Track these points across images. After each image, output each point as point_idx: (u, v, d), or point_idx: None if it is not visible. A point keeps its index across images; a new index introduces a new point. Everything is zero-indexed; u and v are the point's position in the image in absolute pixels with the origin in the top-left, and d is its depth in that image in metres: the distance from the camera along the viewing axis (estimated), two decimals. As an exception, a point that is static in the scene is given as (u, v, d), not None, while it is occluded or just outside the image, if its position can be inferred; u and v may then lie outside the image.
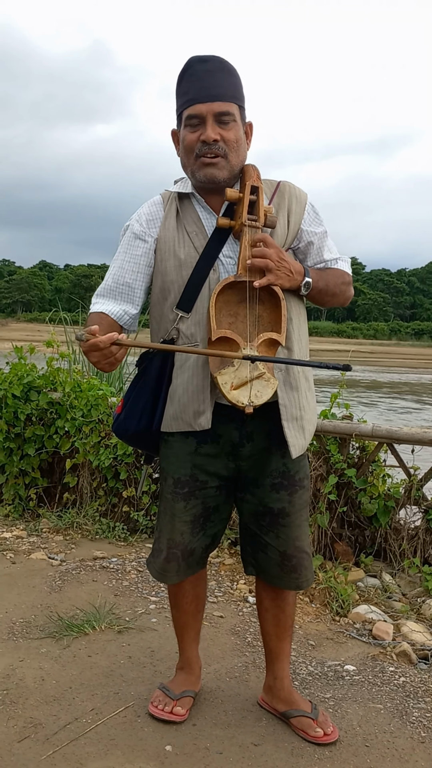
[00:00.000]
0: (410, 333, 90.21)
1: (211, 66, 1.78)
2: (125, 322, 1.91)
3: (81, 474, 4.01)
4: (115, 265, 1.94)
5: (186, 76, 1.80)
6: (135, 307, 1.92)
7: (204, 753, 1.90)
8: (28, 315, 74.30)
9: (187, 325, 1.83)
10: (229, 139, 1.78)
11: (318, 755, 1.90)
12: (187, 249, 1.84)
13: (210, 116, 1.76)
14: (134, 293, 1.91)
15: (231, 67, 1.82)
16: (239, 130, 1.81)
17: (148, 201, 1.96)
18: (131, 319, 1.92)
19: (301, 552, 1.94)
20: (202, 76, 1.77)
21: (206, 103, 1.76)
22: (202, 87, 1.76)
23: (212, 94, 1.76)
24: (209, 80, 1.77)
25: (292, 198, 1.90)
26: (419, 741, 2.00)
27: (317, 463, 3.36)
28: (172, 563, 1.96)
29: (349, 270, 2.00)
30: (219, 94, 1.76)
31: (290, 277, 1.78)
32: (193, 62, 1.79)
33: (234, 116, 1.79)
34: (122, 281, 1.91)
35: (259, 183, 1.79)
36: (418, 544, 3.24)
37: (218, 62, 1.79)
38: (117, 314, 1.89)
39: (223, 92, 1.77)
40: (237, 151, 1.81)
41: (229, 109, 1.77)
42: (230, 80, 1.80)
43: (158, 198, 1.95)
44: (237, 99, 1.81)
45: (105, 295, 1.93)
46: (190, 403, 1.83)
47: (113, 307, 1.90)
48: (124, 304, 1.91)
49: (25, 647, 2.47)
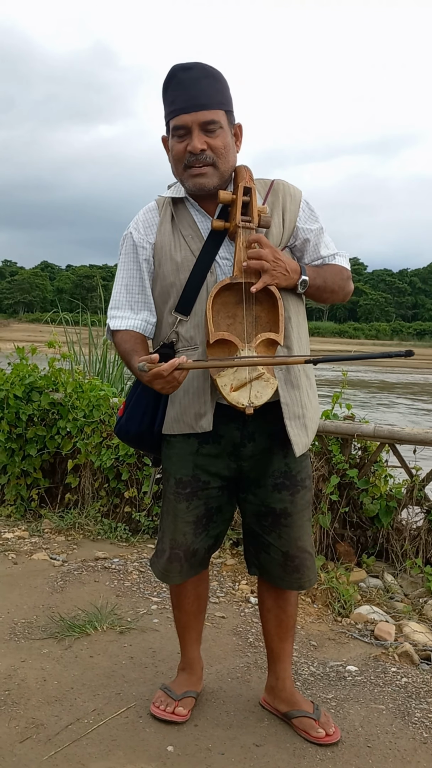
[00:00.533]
0: (412, 333, 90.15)
1: (195, 74, 1.77)
2: (149, 331, 1.92)
3: (83, 474, 4.01)
4: (122, 275, 1.94)
5: (171, 85, 1.80)
6: (153, 315, 1.93)
7: (206, 754, 1.90)
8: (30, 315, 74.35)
9: (186, 328, 1.83)
10: (216, 147, 1.78)
11: (320, 756, 1.90)
12: (183, 252, 1.84)
13: (196, 126, 1.76)
14: (148, 299, 1.93)
15: (215, 72, 1.81)
16: (226, 136, 1.81)
17: (144, 208, 1.96)
18: (153, 327, 1.93)
19: (304, 552, 1.94)
20: (186, 86, 1.77)
21: (191, 113, 1.76)
22: (187, 97, 1.76)
23: (197, 103, 1.76)
24: (193, 89, 1.76)
25: (287, 196, 1.90)
26: (421, 741, 2.00)
27: (319, 463, 3.36)
28: (174, 564, 1.96)
29: (347, 265, 1.99)
30: (204, 103, 1.76)
31: (286, 276, 1.77)
32: (177, 71, 1.79)
33: (219, 123, 1.78)
34: (136, 290, 1.93)
35: (251, 184, 1.79)
36: (420, 544, 3.23)
37: (201, 69, 1.79)
38: (141, 327, 1.91)
39: (208, 101, 1.77)
40: (225, 157, 1.81)
41: (214, 117, 1.77)
42: (215, 86, 1.79)
43: (153, 204, 1.96)
44: (223, 104, 1.80)
45: (121, 308, 1.93)
46: (191, 405, 1.83)
47: (134, 320, 1.91)
48: (142, 313, 1.92)
49: (27, 648, 2.47)
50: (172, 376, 1.60)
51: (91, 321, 6.28)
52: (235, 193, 1.78)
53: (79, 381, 4.17)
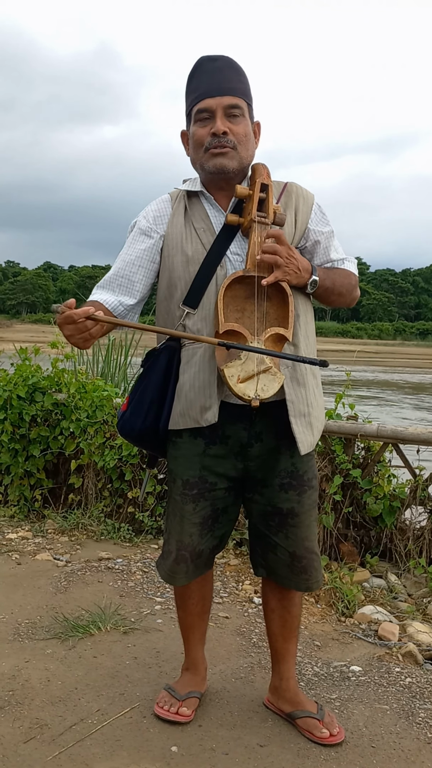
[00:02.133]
0: (415, 333, 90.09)
1: (221, 64, 1.84)
2: (120, 312, 1.92)
3: (86, 475, 4.01)
4: (118, 259, 1.97)
5: (196, 74, 1.86)
6: (132, 299, 1.93)
7: (210, 754, 1.90)
8: (33, 316, 74.45)
9: (193, 321, 1.83)
10: (238, 132, 1.82)
11: (324, 756, 1.90)
12: (194, 245, 1.85)
13: (220, 109, 1.81)
14: (133, 286, 1.93)
15: (239, 66, 1.87)
16: (248, 125, 1.86)
17: (157, 198, 1.98)
18: (126, 309, 1.93)
19: (311, 553, 1.94)
20: (212, 73, 1.83)
21: (216, 97, 1.81)
22: (211, 82, 1.82)
23: (222, 88, 1.81)
24: (218, 76, 1.82)
25: (300, 198, 1.91)
26: (426, 742, 1.99)
27: (322, 463, 3.36)
28: (181, 565, 1.96)
29: (355, 271, 2.00)
30: (228, 88, 1.82)
31: (298, 275, 1.78)
32: (203, 61, 1.86)
33: (243, 110, 1.84)
34: (122, 273, 1.93)
35: (269, 181, 1.82)
36: (423, 544, 3.23)
37: (227, 61, 1.86)
38: (112, 304, 1.90)
39: (233, 87, 1.82)
40: (246, 145, 1.85)
41: (238, 102, 1.82)
42: (239, 78, 1.86)
43: (167, 196, 1.98)
44: (245, 96, 1.86)
45: (103, 287, 1.95)
46: (197, 399, 1.83)
47: (109, 297, 1.92)
48: (121, 296, 1.93)
49: (31, 648, 2.47)
50: (83, 325, 1.59)
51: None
52: (252, 189, 1.80)
53: (82, 381, 4.17)
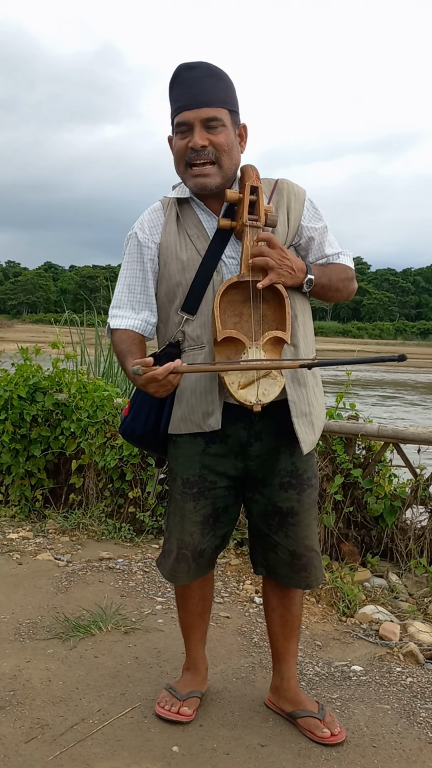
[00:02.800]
0: (416, 332, 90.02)
1: (199, 73, 1.79)
2: (149, 332, 1.93)
3: (87, 475, 4.01)
4: (125, 275, 1.95)
5: (175, 84, 1.82)
6: (154, 315, 1.93)
7: (211, 754, 1.90)
8: (34, 316, 74.46)
9: (192, 327, 1.83)
10: (218, 143, 1.79)
11: (325, 756, 1.90)
12: (189, 252, 1.85)
13: (197, 123, 1.78)
14: (150, 300, 1.93)
15: (220, 72, 1.82)
16: (229, 134, 1.81)
17: (149, 208, 1.97)
18: (153, 327, 1.94)
19: (311, 551, 1.94)
20: (189, 84, 1.78)
21: (193, 109, 1.77)
22: (189, 94, 1.78)
23: (199, 100, 1.77)
24: (196, 87, 1.78)
25: (291, 195, 1.90)
26: (427, 741, 1.99)
27: (323, 463, 3.36)
28: (182, 564, 1.96)
29: (351, 264, 2.00)
30: (206, 100, 1.77)
31: (292, 275, 1.78)
32: (181, 70, 1.81)
33: (222, 121, 1.79)
34: (138, 290, 1.93)
35: (258, 183, 1.80)
36: (424, 544, 3.23)
37: (205, 68, 1.80)
38: (140, 327, 1.91)
39: (211, 98, 1.78)
40: (229, 154, 1.81)
41: (216, 114, 1.78)
42: (219, 85, 1.81)
43: (158, 204, 1.96)
44: (227, 104, 1.81)
45: (122, 307, 1.94)
46: (199, 404, 1.83)
47: (134, 320, 1.91)
48: (143, 313, 1.92)
49: (32, 648, 2.47)
50: (166, 380, 1.60)
51: (95, 321, 6.28)
52: (242, 192, 1.79)
53: (83, 381, 4.17)
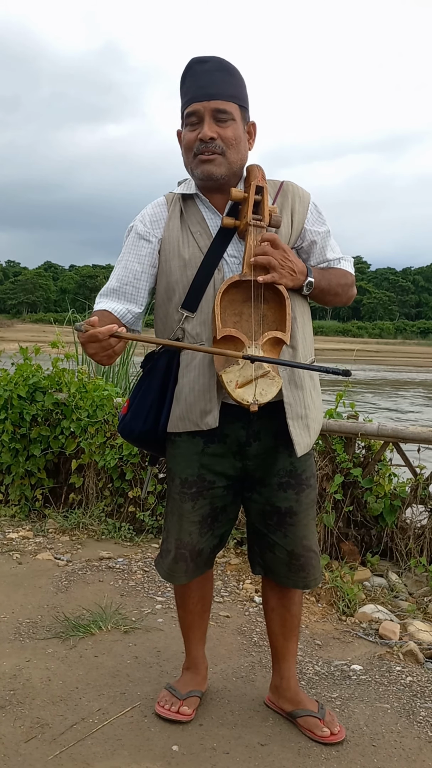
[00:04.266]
0: (416, 332, 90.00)
1: (210, 66, 1.81)
2: (128, 320, 1.91)
3: (87, 474, 4.01)
4: (119, 266, 1.95)
5: (187, 77, 1.84)
6: (139, 307, 1.93)
7: (211, 753, 1.90)
8: (34, 316, 74.42)
9: (192, 324, 1.83)
10: (226, 137, 1.80)
11: (325, 755, 1.90)
12: (191, 249, 1.85)
13: (207, 114, 1.79)
14: (138, 293, 1.92)
15: (231, 67, 1.84)
16: (238, 128, 1.82)
17: (152, 202, 1.97)
18: (134, 318, 1.93)
19: (309, 551, 1.94)
20: (201, 76, 1.80)
21: (203, 101, 1.79)
22: (200, 86, 1.80)
23: (210, 92, 1.79)
24: (207, 79, 1.80)
25: (296, 197, 1.91)
26: (426, 740, 1.99)
27: (323, 462, 3.36)
28: (180, 564, 1.96)
29: (352, 270, 2.00)
30: (216, 92, 1.79)
31: (293, 277, 1.78)
32: (193, 63, 1.83)
33: (232, 115, 1.80)
34: (126, 281, 1.92)
35: (264, 183, 1.80)
36: (424, 543, 3.23)
37: (217, 62, 1.82)
38: (120, 312, 1.90)
39: (221, 91, 1.79)
40: (236, 148, 1.82)
41: (226, 107, 1.79)
42: (229, 80, 1.82)
43: (162, 199, 1.96)
44: (236, 98, 1.82)
45: (109, 295, 1.93)
46: (197, 403, 1.83)
47: (117, 305, 1.91)
48: (128, 304, 1.92)
49: (32, 647, 2.47)
50: (107, 342, 1.58)
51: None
52: (247, 192, 1.79)
53: (82, 381, 4.17)
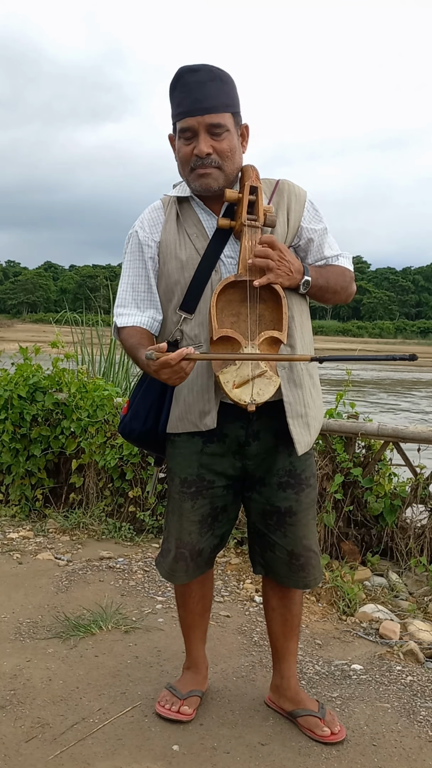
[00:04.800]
0: (416, 331, 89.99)
1: (202, 76, 1.78)
2: (155, 329, 1.93)
3: (87, 474, 4.02)
4: (128, 273, 1.95)
5: (178, 86, 1.80)
6: (159, 313, 1.93)
7: (211, 752, 1.90)
8: (34, 316, 74.43)
9: (190, 326, 1.83)
10: (222, 150, 1.79)
11: (325, 754, 1.90)
12: (188, 251, 1.85)
13: (202, 129, 1.77)
14: (154, 297, 1.93)
15: (222, 74, 1.81)
16: (233, 138, 1.81)
17: (149, 206, 1.97)
18: (158, 324, 1.93)
19: (309, 551, 1.94)
20: (193, 88, 1.77)
21: (197, 116, 1.77)
22: (193, 100, 1.77)
23: (203, 107, 1.76)
24: (200, 92, 1.76)
25: (292, 196, 1.90)
26: (427, 740, 1.99)
27: (323, 462, 3.36)
28: (180, 563, 1.96)
29: (350, 267, 1.99)
30: (210, 106, 1.76)
31: (290, 276, 1.78)
32: (183, 73, 1.79)
33: (226, 126, 1.79)
34: (143, 288, 1.93)
35: (258, 183, 1.80)
36: (424, 542, 3.23)
37: (208, 72, 1.79)
38: (147, 324, 1.91)
39: (215, 103, 1.77)
40: (232, 159, 1.82)
41: (220, 120, 1.77)
42: (222, 89, 1.79)
43: (158, 203, 1.96)
44: (229, 107, 1.81)
45: (127, 306, 1.94)
46: (196, 403, 1.83)
47: (141, 317, 1.91)
48: (149, 311, 1.92)
49: (32, 647, 2.47)
50: (179, 366, 1.59)
51: (95, 321, 6.28)
52: (242, 192, 1.79)
53: (83, 381, 4.18)
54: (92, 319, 6.38)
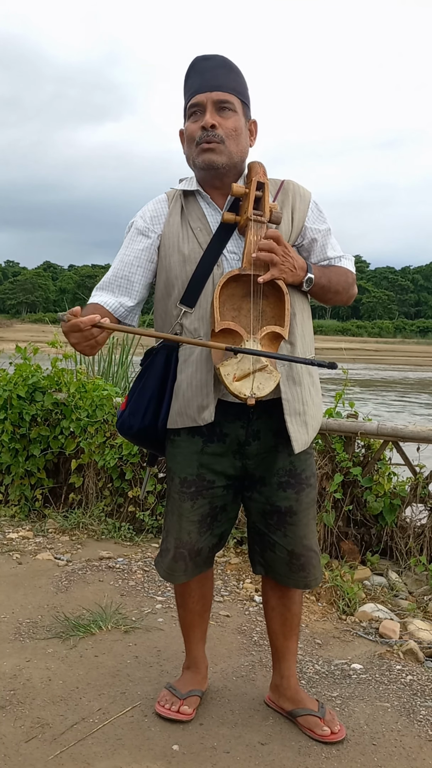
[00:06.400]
0: (415, 331, 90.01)
1: (214, 63, 1.86)
2: (120, 314, 1.93)
3: (86, 474, 4.01)
4: (116, 260, 1.98)
5: (191, 73, 1.88)
6: (132, 300, 1.94)
7: (211, 752, 1.90)
8: (33, 316, 74.40)
9: (190, 320, 1.83)
10: (227, 127, 1.83)
11: (325, 754, 1.90)
12: (191, 245, 1.85)
13: (209, 104, 1.83)
14: (132, 286, 1.94)
15: (233, 65, 1.88)
16: (239, 120, 1.86)
17: (154, 199, 1.99)
18: (127, 311, 1.94)
19: (309, 551, 1.94)
20: (204, 71, 1.85)
21: (205, 92, 1.83)
22: (203, 80, 1.84)
23: (212, 84, 1.83)
24: (210, 73, 1.84)
25: (296, 196, 1.91)
26: (427, 739, 1.99)
27: (323, 461, 3.36)
28: (179, 563, 1.96)
29: (353, 269, 2.00)
30: (218, 84, 1.83)
31: (293, 273, 1.78)
32: (198, 60, 1.88)
33: (233, 105, 1.84)
34: (121, 274, 1.94)
35: (265, 179, 1.82)
36: (424, 542, 3.23)
37: (221, 60, 1.87)
38: (113, 306, 1.91)
39: (223, 83, 1.84)
40: (236, 139, 1.85)
41: (227, 98, 1.83)
42: (231, 76, 1.87)
43: (163, 196, 1.98)
44: (238, 93, 1.87)
45: (103, 288, 1.96)
46: (194, 398, 1.83)
47: (109, 298, 1.92)
48: (121, 297, 1.93)
49: (32, 647, 2.47)
50: (89, 332, 1.59)
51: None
52: (249, 187, 1.80)
53: (82, 381, 4.17)
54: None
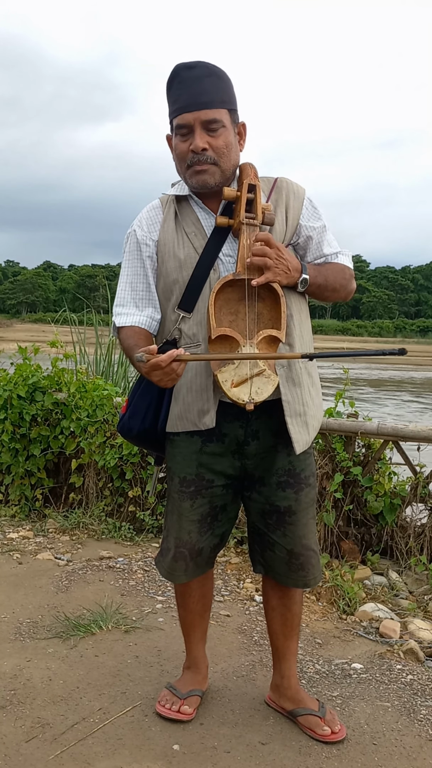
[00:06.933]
0: (415, 330, 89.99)
1: (198, 72, 1.78)
2: (153, 328, 1.93)
3: (87, 474, 4.01)
4: (127, 273, 1.95)
5: (174, 83, 1.81)
6: (157, 312, 1.93)
7: (211, 752, 1.90)
8: (33, 316, 74.41)
9: (188, 325, 1.83)
10: (218, 146, 1.79)
11: (326, 754, 1.90)
12: (186, 249, 1.85)
13: (198, 125, 1.78)
14: (152, 297, 1.93)
15: (218, 71, 1.81)
16: (229, 134, 1.82)
17: (147, 205, 1.98)
18: (157, 324, 1.94)
19: (308, 550, 1.94)
20: (189, 84, 1.78)
21: (193, 112, 1.77)
22: (189, 95, 1.77)
23: (199, 102, 1.77)
24: (196, 88, 1.77)
25: (290, 193, 1.90)
26: (427, 739, 1.99)
27: (323, 461, 3.36)
28: (180, 562, 1.96)
29: (350, 264, 1.99)
30: (206, 101, 1.77)
31: (288, 274, 1.78)
32: (180, 69, 1.80)
33: (222, 122, 1.79)
34: (141, 287, 1.93)
35: (256, 181, 1.80)
36: (424, 541, 3.23)
37: (204, 68, 1.80)
38: (146, 323, 1.91)
39: (210, 99, 1.78)
40: (228, 156, 1.82)
41: (216, 116, 1.78)
42: (218, 85, 1.80)
43: (156, 202, 1.97)
44: (225, 103, 1.81)
45: (126, 305, 1.94)
46: (195, 402, 1.83)
47: (139, 317, 1.91)
48: (147, 309, 1.92)
49: (32, 647, 2.47)
50: (170, 368, 1.59)
51: (95, 320, 6.28)
52: (240, 190, 1.79)
53: (82, 381, 4.17)
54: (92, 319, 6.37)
